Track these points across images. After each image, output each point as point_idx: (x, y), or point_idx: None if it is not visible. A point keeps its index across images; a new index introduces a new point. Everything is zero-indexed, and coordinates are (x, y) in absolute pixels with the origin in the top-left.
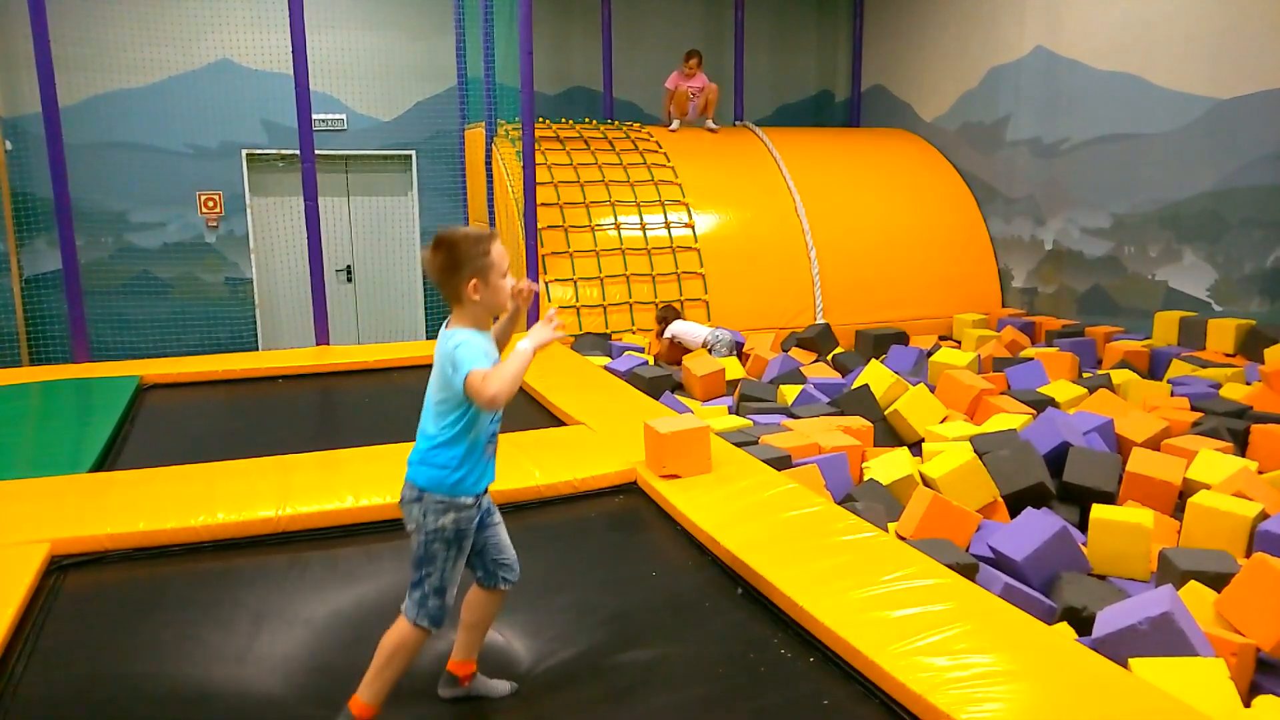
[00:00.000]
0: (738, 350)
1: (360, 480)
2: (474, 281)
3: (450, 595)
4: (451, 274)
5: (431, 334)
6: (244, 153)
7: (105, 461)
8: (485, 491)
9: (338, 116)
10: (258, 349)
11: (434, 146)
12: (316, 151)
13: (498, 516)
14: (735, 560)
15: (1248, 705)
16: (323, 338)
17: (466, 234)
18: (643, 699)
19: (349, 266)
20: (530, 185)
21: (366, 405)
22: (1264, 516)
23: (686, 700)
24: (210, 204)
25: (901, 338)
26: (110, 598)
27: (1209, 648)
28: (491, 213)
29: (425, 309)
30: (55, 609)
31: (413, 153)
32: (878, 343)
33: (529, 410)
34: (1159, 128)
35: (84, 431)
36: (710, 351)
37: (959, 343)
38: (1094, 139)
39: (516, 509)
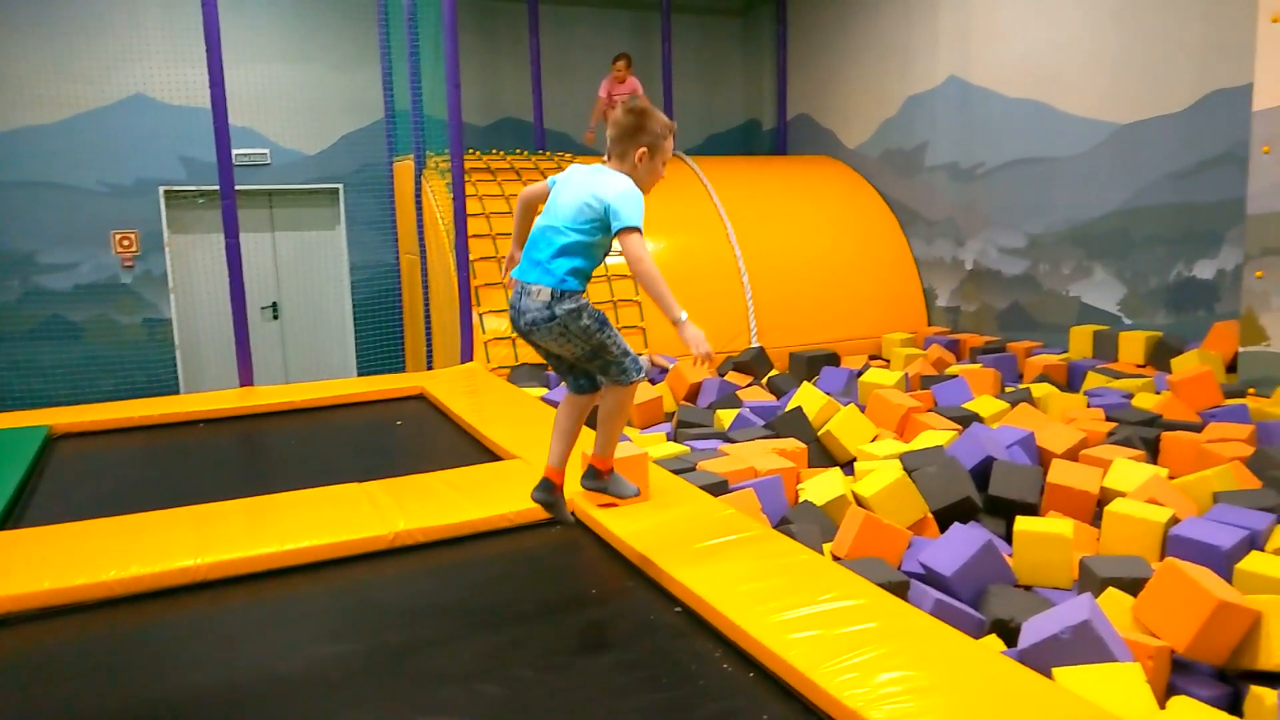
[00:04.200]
0: (662, 375)
1: (289, 527)
2: (643, 150)
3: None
4: (633, 135)
5: (364, 371)
6: (161, 190)
7: (8, 519)
8: None
9: (261, 151)
10: (179, 392)
11: (362, 179)
12: (239, 187)
13: None
14: (673, 583)
15: (1163, 707)
16: (247, 378)
17: (659, 114)
18: (586, 712)
19: (275, 303)
20: (461, 217)
21: (295, 448)
22: (1175, 521)
23: (628, 711)
24: (125, 243)
25: (833, 359)
26: (14, 664)
27: (1127, 653)
28: (422, 245)
29: (356, 345)
30: None
31: (340, 186)
32: (811, 364)
33: (462, 446)
34: (1067, 151)
35: None
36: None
37: (888, 361)
38: (1007, 163)
39: (451, 544)
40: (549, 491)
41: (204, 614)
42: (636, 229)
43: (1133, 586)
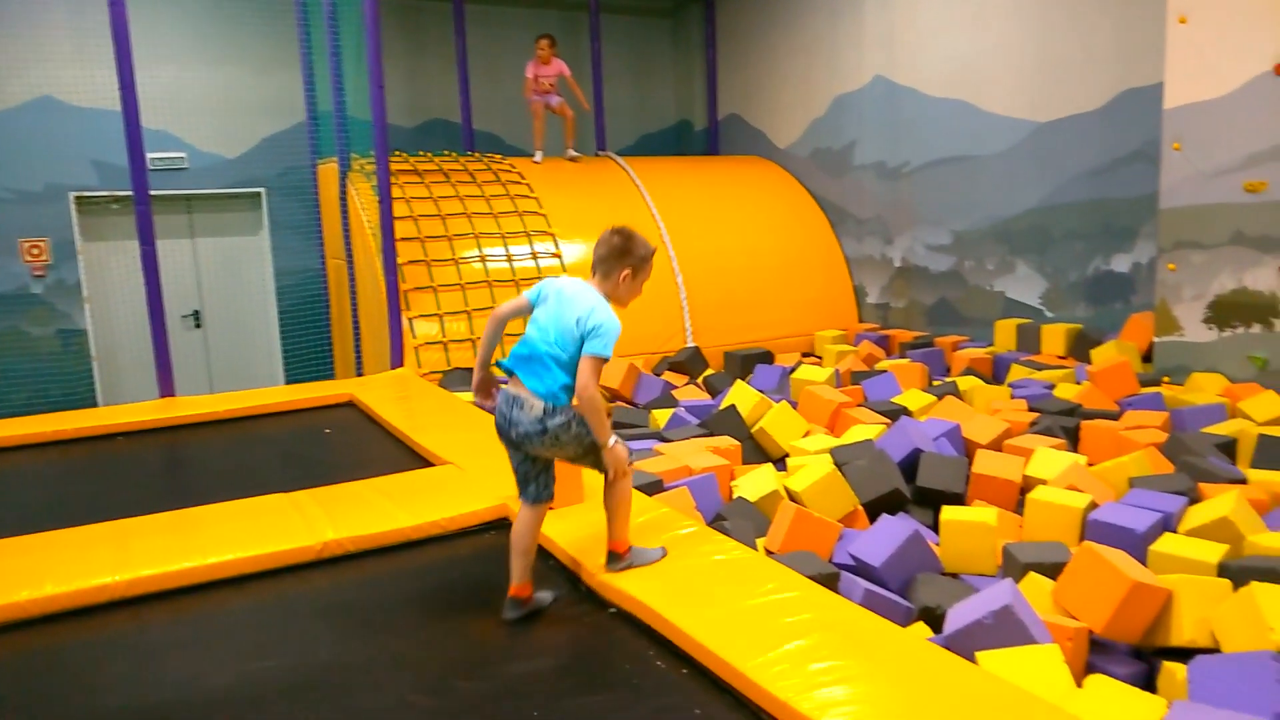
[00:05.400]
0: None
1: (212, 540)
2: (627, 272)
3: None
4: (620, 257)
5: (292, 379)
6: (72, 196)
7: None
8: None
9: (178, 155)
10: (97, 405)
11: (285, 183)
12: (156, 191)
13: None
14: (606, 586)
15: (1081, 685)
16: (167, 389)
17: (643, 238)
18: (520, 712)
19: (197, 312)
20: (387, 220)
21: (220, 459)
22: (1093, 506)
23: (562, 715)
24: (35, 251)
25: (767, 357)
26: None
27: (1047, 635)
28: (349, 249)
29: (283, 353)
30: None
31: (262, 190)
32: (745, 363)
33: (394, 452)
34: (989, 150)
35: None
36: None
37: (821, 358)
38: (932, 161)
39: (384, 553)
40: (520, 607)
41: (124, 632)
42: (601, 360)
43: (1053, 571)
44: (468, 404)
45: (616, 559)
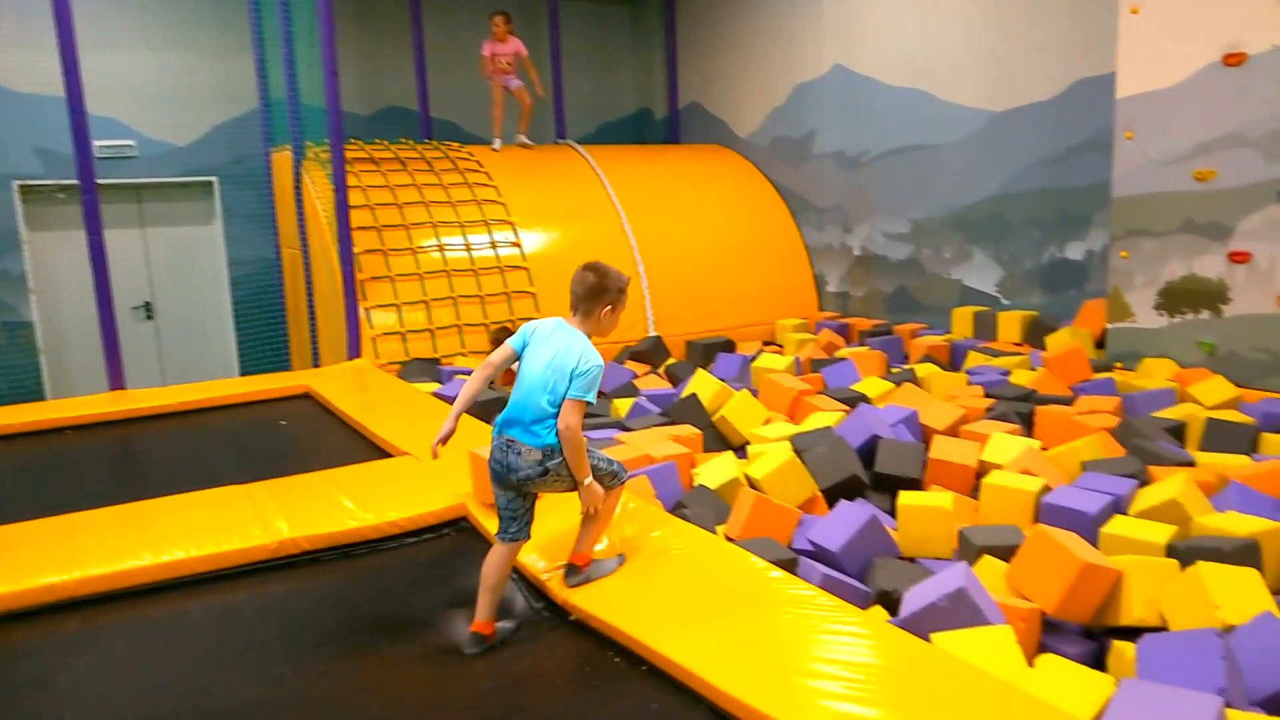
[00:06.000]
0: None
1: (165, 534)
2: (607, 308)
3: None
4: (599, 295)
5: (247, 371)
6: (16, 184)
7: None
8: None
9: (126, 142)
10: (45, 399)
11: (238, 172)
12: (104, 180)
13: None
14: (568, 602)
15: (1032, 664)
16: (117, 382)
17: (618, 273)
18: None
19: (148, 303)
20: (343, 209)
21: (172, 452)
22: (1047, 490)
23: (523, 716)
24: None
25: (729, 345)
26: None
27: (1000, 616)
28: (304, 238)
29: (238, 344)
30: None
31: (214, 179)
32: (706, 351)
33: (351, 443)
34: (946, 139)
35: None
36: None
37: (781, 347)
38: (891, 151)
39: (340, 551)
40: (482, 643)
41: (75, 638)
42: (584, 403)
43: (1007, 553)
44: (426, 395)
45: (575, 572)
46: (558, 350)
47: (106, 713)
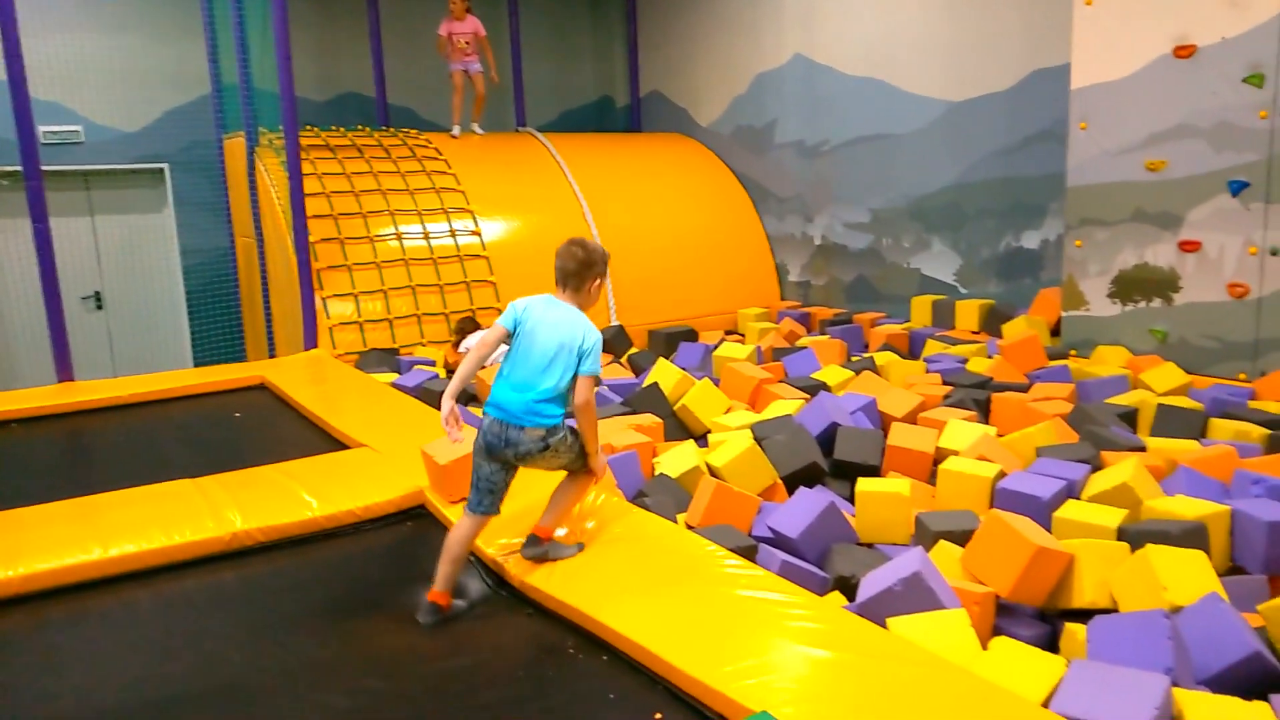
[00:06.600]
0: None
1: (114, 529)
2: (597, 281)
3: None
4: (587, 268)
5: (201, 362)
6: None
7: None
8: None
9: (73, 128)
10: None
11: (190, 158)
12: (49, 167)
13: None
14: (524, 583)
15: (986, 647)
16: (65, 373)
17: (597, 244)
18: (437, 707)
19: (98, 293)
20: (298, 196)
21: (122, 445)
22: (1002, 475)
23: (477, 709)
24: None
25: (691, 335)
26: None
27: (955, 600)
28: (258, 227)
29: (191, 335)
30: None
31: (165, 166)
32: (669, 341)
33: (307, 435)
34: (905, 129)
35: None
36: None
37: (744, 336)
38: (850, 140)
39: (295, 543)
40: (438, 613)
41: (20, 633)
42: (596, 377)
43: (962, 538)
44: (384, 386)
45: (536, 543)
46: (560, 328)
47: (48, 707)
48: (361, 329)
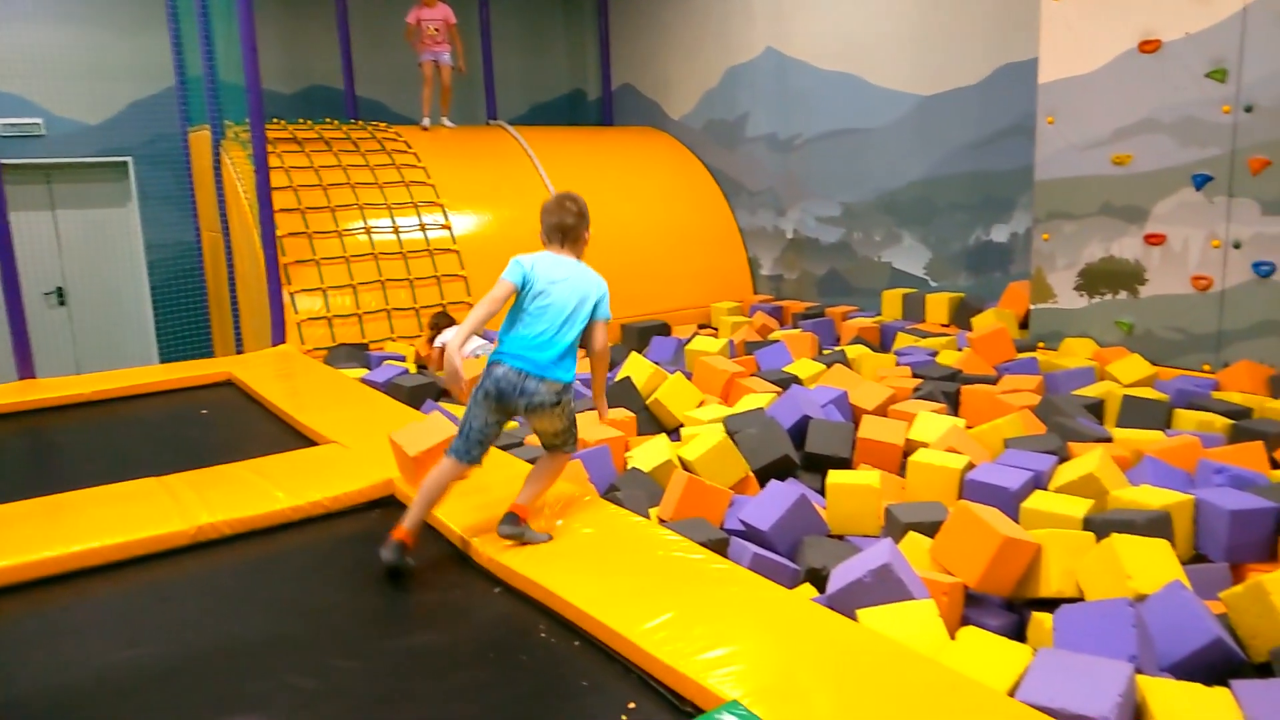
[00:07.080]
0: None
1: (76, 527)
2: (589, 233)
3: None
4: (582, 220)
5: (167, 358)
6: None
7: None
8: None
9: (32, 121)
10: None
11: (154, 151)
12: (7, 160)
13: None
14: (493, 563)
15: (954, 638)
16: (26, 370)
17: (581, 199)
18: (402, 697)
19: (60, 289)
20: (264, 190)
21: (86, 443)
22: (971, 467)
23: (444, 693)
24: None
25: (664, 329)
26: None
27: (924, 591)
28: (225, 221)
29: (157, 331)
30: None
31: (129, 159)
32: (642, 335)
33: (275, 432)
34: (876, 123)
35: None
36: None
37: (717, 330)
38: (822, 134)
39: (262, 535)
40: (401, 553)
41: None
42: (609, 320)
43: (931, 530)
44: (353, 381)
45: (514, 522)
46: (575, 283)
47: (6, 692)
48: (330, 324)
